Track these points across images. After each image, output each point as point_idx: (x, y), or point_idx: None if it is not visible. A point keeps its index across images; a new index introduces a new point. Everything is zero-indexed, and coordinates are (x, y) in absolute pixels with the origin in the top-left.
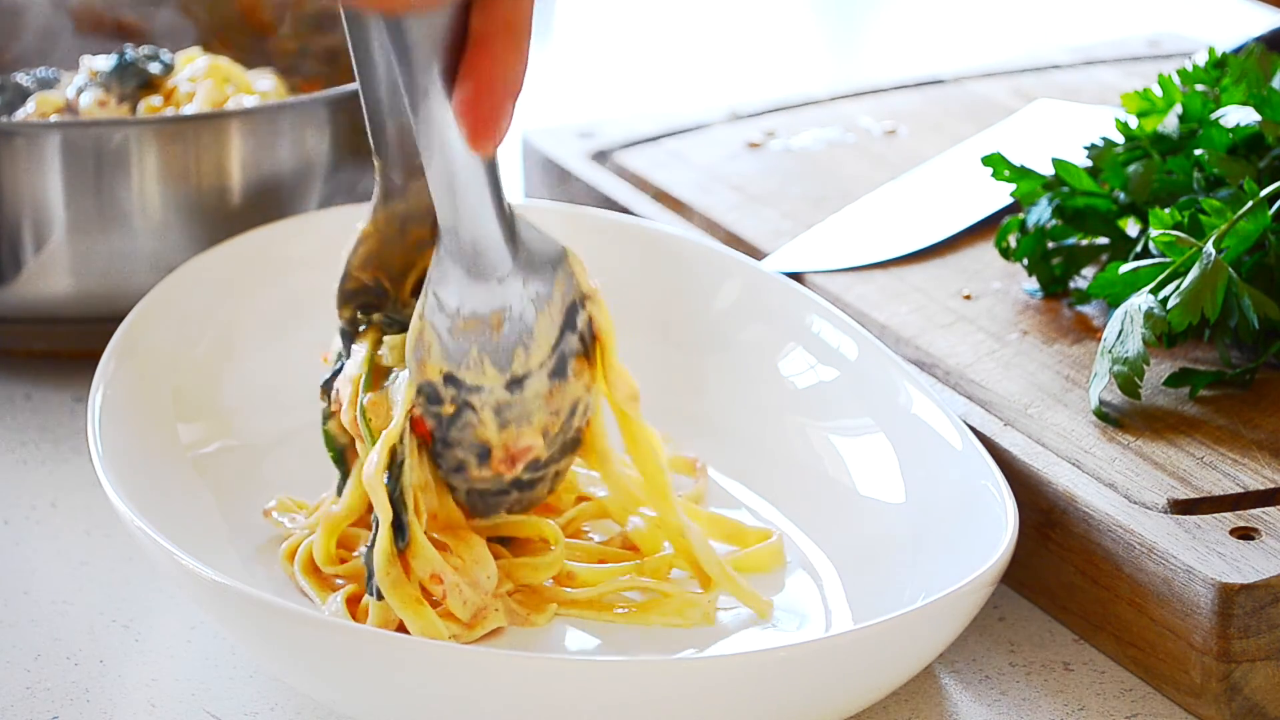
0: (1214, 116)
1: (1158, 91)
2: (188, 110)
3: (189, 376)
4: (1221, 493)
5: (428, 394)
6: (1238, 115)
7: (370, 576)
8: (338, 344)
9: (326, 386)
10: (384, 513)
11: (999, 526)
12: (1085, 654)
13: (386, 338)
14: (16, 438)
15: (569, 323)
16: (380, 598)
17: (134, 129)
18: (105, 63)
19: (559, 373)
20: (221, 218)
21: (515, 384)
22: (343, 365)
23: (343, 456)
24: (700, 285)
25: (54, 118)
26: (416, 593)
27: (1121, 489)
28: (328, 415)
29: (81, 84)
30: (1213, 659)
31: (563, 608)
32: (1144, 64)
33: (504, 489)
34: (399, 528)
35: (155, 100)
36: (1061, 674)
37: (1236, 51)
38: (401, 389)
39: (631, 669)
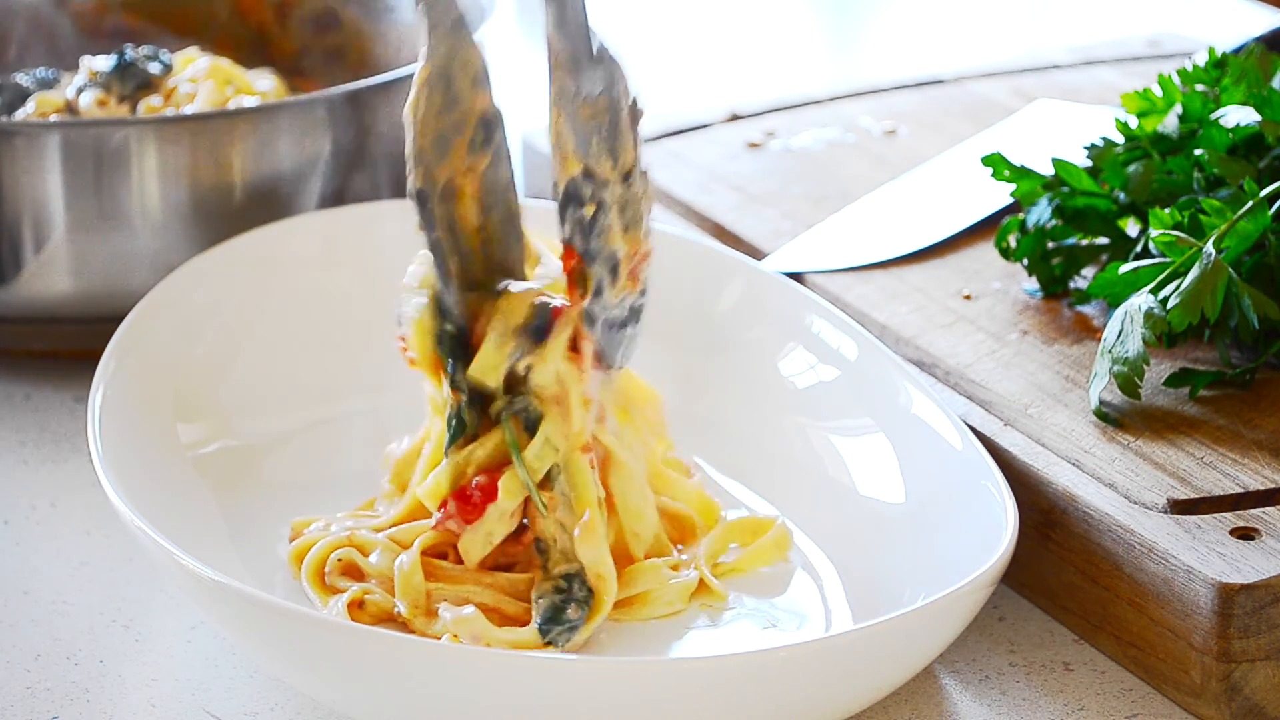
0: (1214, 116)
1: (1158, 91)
2: (188, 110)
3: (189, 376)
4: (1221, 493)
5: (571, 195)
6: (1238, 115)
7: (562, 624)
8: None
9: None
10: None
11: (999, 526)
12: (1085, 654)
13: (534, 447)
14: (16, 438)
15: (637, 122)
16: (559, 645)
17: (134, 129)
18: (105, 63)
19: (645, 174)
20: (221, 218)
21: (627, 178)
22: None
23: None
24: (701, 285)
25: (54, 118)
26: None
27: (1121, 489)
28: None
29: (81, 84)
30: (1213, 659)
31: None
32: (1144, 64)
33: (624, 320)
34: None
35: (155, 100)
36: (1061, 674)
37: (1236, 51)
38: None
39: (631, 669)
